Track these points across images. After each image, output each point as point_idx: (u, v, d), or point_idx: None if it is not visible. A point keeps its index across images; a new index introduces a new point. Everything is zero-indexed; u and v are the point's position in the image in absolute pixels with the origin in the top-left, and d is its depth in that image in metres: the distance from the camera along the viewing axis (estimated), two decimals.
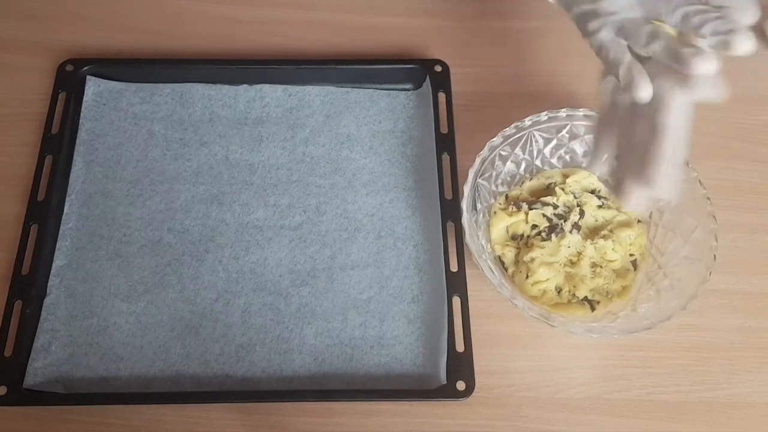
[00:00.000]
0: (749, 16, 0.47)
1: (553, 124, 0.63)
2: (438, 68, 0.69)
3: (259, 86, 0.69)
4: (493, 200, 0.63)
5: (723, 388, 0.58)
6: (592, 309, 0.59)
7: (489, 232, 0.61)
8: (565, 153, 0.64)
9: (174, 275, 0.60)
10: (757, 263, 0.63)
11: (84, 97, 0.67)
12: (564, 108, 0.62)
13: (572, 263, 0.60)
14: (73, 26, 0.73)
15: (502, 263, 0.61)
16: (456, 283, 0.59)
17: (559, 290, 0.59)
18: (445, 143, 0.65)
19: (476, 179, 0.60)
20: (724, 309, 0.61)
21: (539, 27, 0.56)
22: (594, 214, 0.62)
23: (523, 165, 0.64)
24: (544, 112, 0.62)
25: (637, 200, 0.49)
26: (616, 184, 0.50)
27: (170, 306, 0.59)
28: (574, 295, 0.59)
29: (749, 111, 0.71)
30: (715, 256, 0.56)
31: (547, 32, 0.56)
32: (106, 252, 0.61)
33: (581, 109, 0.62)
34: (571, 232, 0.60)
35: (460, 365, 0.56)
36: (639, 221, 0.62)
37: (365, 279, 0.60)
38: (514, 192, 0.64)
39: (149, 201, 0.63)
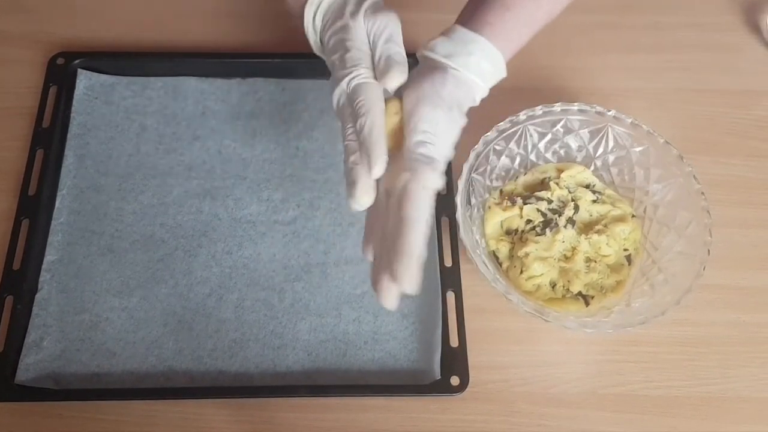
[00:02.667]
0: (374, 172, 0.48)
1: (547, 118, 0.63)
2: None
3: (252, 80, 0.68)
4: (487, 195, 0.63)
5: (717, 382, 0.58)
6: (587, 304, 0.59)
7: (483, 227, 0.61)
8: (560, 147, 0.64)
9: (166, 270, 0.60)
10: (751, 258, 0.63)
11: (75, 90, 0.67)
12: (559, 102, 0.62)
13: (566, 258, 0.60)
14: (64, 19, 0.72)
15: (497, 258, 0.61)
16: (450, 278, 0.59)
17: (553, 285, 0.59)
18: None
19: (471, 174, 0.60)
20: (718, 304, 0.61)
21: None
22: (588, 209, 0.62)
23: (518, 159, 0.64)
24: (539, 107, 0.62)
25: (390, 295, 0.47)
26: (374, 278, 0.48)
27: (163, 301, 0.59)
28: (568, 290, 0.59)
29: (743, 106, 0.71)
30: (709, 251, 0.56)
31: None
32: (98, 247, 0.61)
33: (576, 104, 0.62)
34: (565, 226, 0.60)
35: (455, 360, 0.56)
36: (633, 216, 0.62)
37: (359, 274, 0.60)
38: (509, 187, 0.63)
39: (141, 196, 0.63)
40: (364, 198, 0.48)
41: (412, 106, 0.50)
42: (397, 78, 0.49)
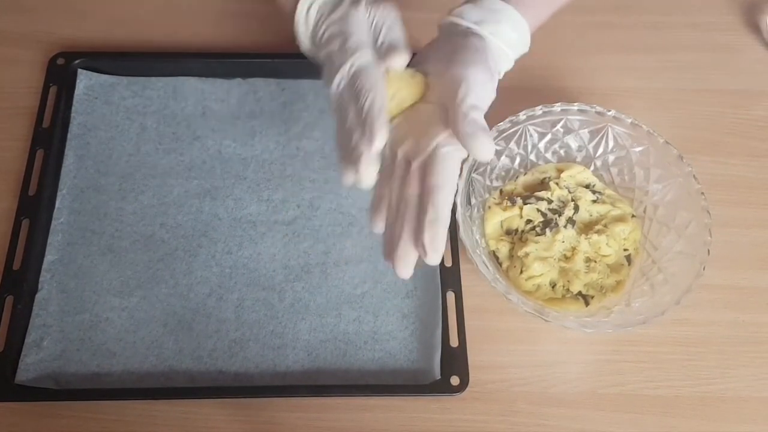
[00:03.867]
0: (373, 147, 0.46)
1: (547, 118, 0.63)
2: None
3: (252, 80, 0.68)
4: (487, 195, 0.63)
5: (716, 382, 0.58)
6: (587, 304, 0.59)
7: (483, 227, 0.61)
8: (560, 147, 0.64)
9: (167, 270, 0.60)
10: (751, 258, 0.63)
11: (75, 90, 0.67)
12: (559, 102, 0.62)
13: (566, 258, 0.60)
14: (64, 19, 0.72)
15: (497, 258, 0.61)
16: (450, 278, 0.59)
17: (553, 285, 0.59)
18: None
19: (471, 174, 0.60)
20: (718, 304, 0.61)
21: None
22: (588, 209, 0.62)
23: (518, 159, 0.64)
24: (539, 107, 0.62)
25: (408, 265, 0.47)
26: (389, 247, 0.48)
27: (163, 301, 0.59)
28: (568, 290, 0.59)
29: (743, 106, 0.71)
30: (708, 250, 0.56)
31: (541, 27, 0.55)
32: (98, 247, 0.61)
33: (576, 104, 0.62)
34: (565, 226, 0.60)
35: (454, 360, 0.56)
36: (633, 216, 0.62)
37: (359, 274, 0.60)
38: (509, 187, 0.63)
39: (141, 196, 0.63)
40: (367, 173, 0.46)
41: (458, 68, 0.49)
42: (400, 57, 0.49)
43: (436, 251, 0.45)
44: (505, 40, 0.52)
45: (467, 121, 0.46)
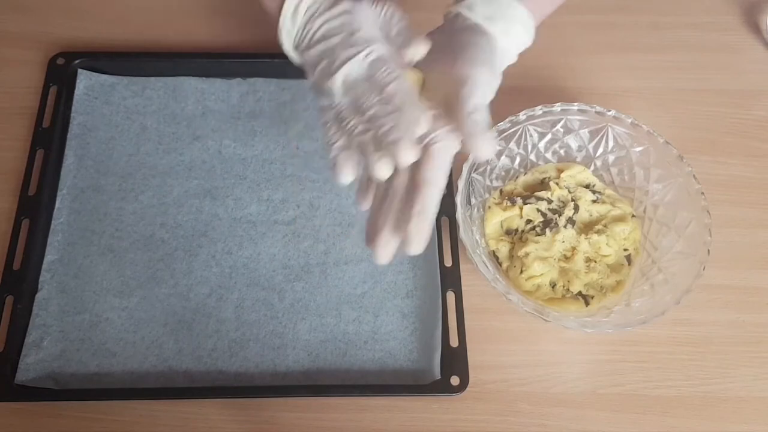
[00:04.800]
0: (419, 128, 0.46)
1: (547, 118, 0.63)
2: None
3: (252, 80, 0.69)
4: (487, 195, 0.63)
5: (716, 382, 0.58)
6: (587, 304, 0.59)
7: (483, 227, 0.61)
8: (560, 147, 0.64)
9: (167, 270, 0.60)
10: (751, 258, 0.63)
11: (75, 90, 0.67)
12: (559, 102, 0.62)
13: (566, 258, 0.60)
14: (64, 19, 0.72)
15: (497, 258, 0.61)
16: (450, 278, 0.59)
17: (553, 285, 0.59)
18: None
19: (471, 174, 0.60)
20: (718, 303, 0.61)
21: None
22: (588, 209, 0.62)
23: (518, 159, 0.64)
24: (539, 107, 0.62)
25: (387, 252, 0.47)
26: (371, 232, 0.48)
27: (163, 301, 0.59)
28: (568, 290, 0.59)
29: (743, 106, 0.71)
30: (708, 250, 0.56)
31: (541, 27, 0.55)
32: (98, 247, 0.61)
33: (576, 104, 0.62)
34: (565, 226, 0.60)
35: (454, 360, 0.56)
36: (633, 216, 0.62)
37: (359, 274, 0.60)
38: (509, 187, 0.63)
39: (141, 196, 0.63)
40: (409, 153, 0.46)
41: (463, 67, 0.49)
42: (420, 47, 0.49)
43: (419, 242, 0.46)
44: (514, 39, 0.51)
45: (471, 120, 0.47)
